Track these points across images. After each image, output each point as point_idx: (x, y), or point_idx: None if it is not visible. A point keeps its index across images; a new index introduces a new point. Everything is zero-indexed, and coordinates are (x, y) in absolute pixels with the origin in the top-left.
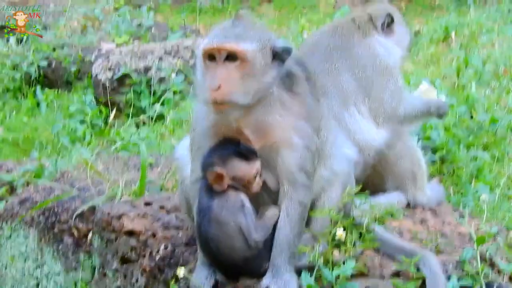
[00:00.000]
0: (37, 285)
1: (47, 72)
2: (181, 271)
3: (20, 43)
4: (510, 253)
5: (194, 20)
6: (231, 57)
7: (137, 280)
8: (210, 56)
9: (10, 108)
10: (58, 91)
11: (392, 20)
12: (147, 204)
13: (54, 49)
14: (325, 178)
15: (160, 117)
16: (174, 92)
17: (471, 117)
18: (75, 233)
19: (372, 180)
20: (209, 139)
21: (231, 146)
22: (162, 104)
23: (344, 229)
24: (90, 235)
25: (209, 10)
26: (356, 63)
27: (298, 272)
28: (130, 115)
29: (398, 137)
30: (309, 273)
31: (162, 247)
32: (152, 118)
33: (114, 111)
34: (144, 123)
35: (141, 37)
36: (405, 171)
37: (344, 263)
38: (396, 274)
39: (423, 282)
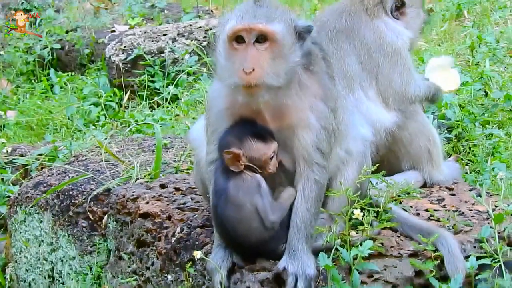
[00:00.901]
0: (52, 269)
1: (60, 55)
2: (197, 254)
3: (33, 26)
4: None
5: (207, 1)
6: (261, 38)
7: (153, 263)
8: (238, 38)
9: (24, 92)
10: (71, 74)
11: (403, 3)
12: (162, 186)
13: (67, 32)
14: (341, 158)
15: (174, 99)
16: (188, 73)
17: (486, 94)
18: (90, 216)
19: (388, 160)
20: (225, 120)
21: (248, 127)
22: (176, 85)
23: (361, 209)
24: (105, 218)
25: None
26: (362, 46)
27: (315, 253)
28: (144, 97)
29: (411, 117)
30: (327, 254)
31: (178, 229)
32: (166, 100)
33: (128, 93)
34: (158, 105)
35: (154, 18)
36: (420, 150)
37: (361, 243)
38: (414, 254)
39: (442, 262)
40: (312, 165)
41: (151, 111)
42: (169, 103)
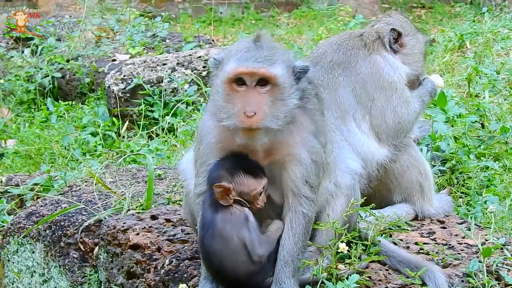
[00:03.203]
0: None
1: (61, 83)
2: (182, 287)
3: (35, 54)
4: None
5: (213, 30)
6: (263, 81)
7: None
8: (239, 80)
9: (23, 120)
10: (72, 103)
11: (399, 34)
12: (153, 217)
13: (68, 61)
14: (329, 191)
15: (172, 129)
16: (187, 103)
17: (482, 126)
18: (81, 247)
19: (379, 192)
20: (215, 153)
21: (239, 161)
22: (175, 115)
23: (349, 242)
24: (96, 249)
25: (229, 20)
26: (358, 79)
27: (302, 286)
28: (141, 126)
29: (403, 150)
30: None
31: (167, 261)
32: (163, 130)
33: (126, 123)
34: (157, 135)
35: (155, 48)
36: (412, 182)
37: (347, 277)
38: None
39: None
40: (300, 198)
41: (149, 141)
42: (166, 133)
